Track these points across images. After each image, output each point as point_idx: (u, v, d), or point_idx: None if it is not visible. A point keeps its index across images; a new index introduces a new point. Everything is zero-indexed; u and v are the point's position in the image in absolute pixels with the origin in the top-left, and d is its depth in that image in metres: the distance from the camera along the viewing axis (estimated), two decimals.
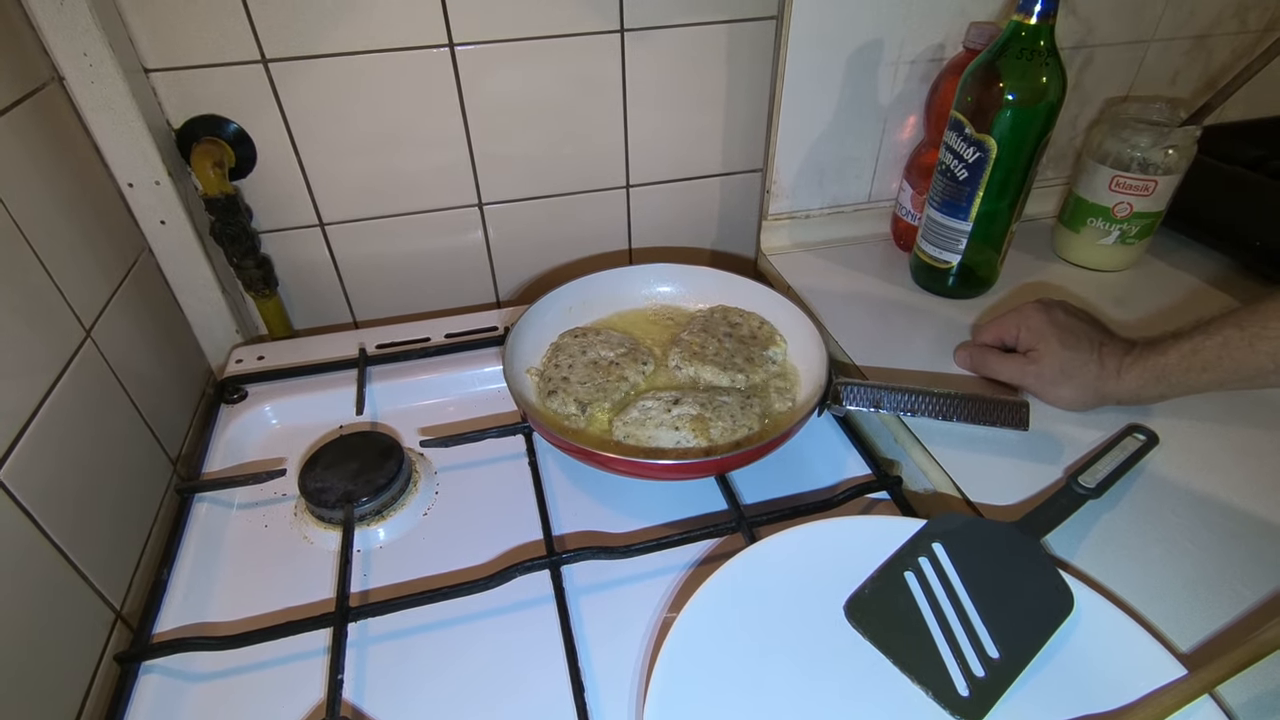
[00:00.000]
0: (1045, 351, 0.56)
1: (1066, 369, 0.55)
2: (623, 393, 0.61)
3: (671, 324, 0.70)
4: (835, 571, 0.45)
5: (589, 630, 0.48)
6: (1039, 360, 0.56)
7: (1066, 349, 0.55)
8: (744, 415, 0.57)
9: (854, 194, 0.83)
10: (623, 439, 0.56)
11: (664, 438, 0.55)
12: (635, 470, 0.54)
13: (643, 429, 0.56)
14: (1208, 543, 0.48)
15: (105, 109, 0.60)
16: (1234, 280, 0.74)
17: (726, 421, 0.56)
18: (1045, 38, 0.58)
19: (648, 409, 0.57)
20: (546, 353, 0.65)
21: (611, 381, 0.61)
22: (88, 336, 0.54)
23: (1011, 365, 0.59)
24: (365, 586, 0.52)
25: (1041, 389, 0.57)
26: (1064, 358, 0.55)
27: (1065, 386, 0.56)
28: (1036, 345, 0.57)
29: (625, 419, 0.57)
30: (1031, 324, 0.58)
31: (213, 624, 0.49)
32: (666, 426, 0.56)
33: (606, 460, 0.52)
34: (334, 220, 0.76)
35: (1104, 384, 0.54)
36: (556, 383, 0.61)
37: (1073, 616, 0.41)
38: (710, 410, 0.57)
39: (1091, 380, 0.55)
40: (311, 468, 0.57)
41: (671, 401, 0.58)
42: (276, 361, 0.70)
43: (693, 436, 0.55)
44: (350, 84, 0.68)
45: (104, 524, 0.52)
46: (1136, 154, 0.70)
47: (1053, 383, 0.56)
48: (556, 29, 0.69)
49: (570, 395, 0.59)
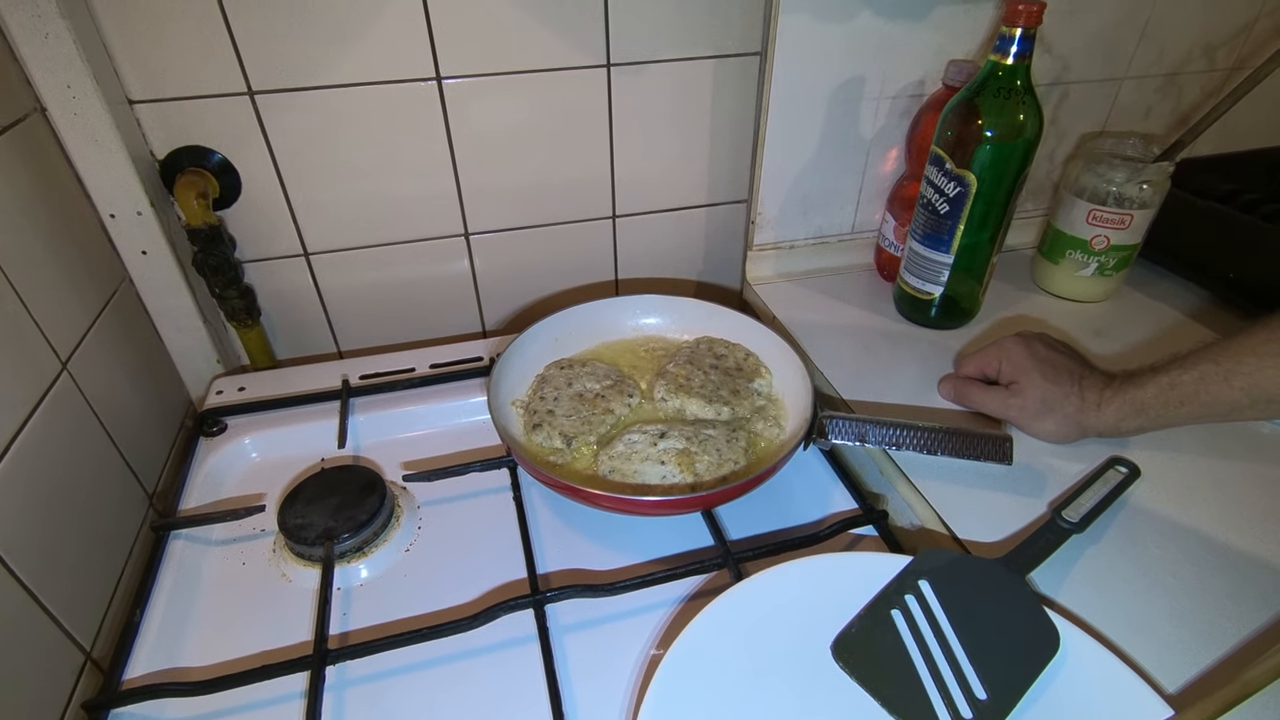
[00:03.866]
0: (1027, 385, 0.57)
1: (1048, 402, 0.56)
2: (608, 425, 0.60)
3: (658, 355, 0.70)
4: (822, 609, 0.45)
5: (574, 669, 0.48)
6: (1021, 393, 0.57)
7: (1048, 382, 0.56)
8: (729, 449, 0.57)
9: (838, 225, 0.84)
10: (608, 473, 0.55)
11: (650, 472, 0.55)
12: (620, 506, 0.53)
13: (628, 463, 0.56)
14: (1190, 576, 0.48)
15: (88, 140, 0.59)
16: (1210, 311, 0.76)
17: (712, 456, 0.56)
18: (1021, 77, 0.60)
19: (634, 443, 0.57)
20: (532, 384, 0.65)
21: (597, 414, 0.60)
22: (64, 369, 0.54)
23: (994, 398, 0.59)
24: (345, 626, 0.51)
25: (1024, 422, 0.58)
26: (1045, 390, 0.56)
27: (1047, 419, 0.56)
28: (1018, 378, 0.57)
29: (611, 453, 0.57)
30: (1013, 357, 0.58)
31: (185, 669, 0.48)
32: (652, 461, 0.55)
33: (592, 497, 0.52)
34: (319, 250, 0.75)
35: (1085, 417, 0.55)
36: (542, 416, 0.60)
37: (1059, 656, 0.41)
38: (696, 444, 0.57)
39: (1072, 413, 0.55)
40: (291, 503, 0.56)
41: (658, 435, 0.58)
42: (258, 393, 0.69)
43: (678, 471, 0.55)
44: (337, 116, 0.68)
45: (75, 562, 0.50)
46: (1112, 188, 0.72)
47: (1035, 416, 0.57)
48: (543, 63, 0.70)
49: (555, 429, 0.59)
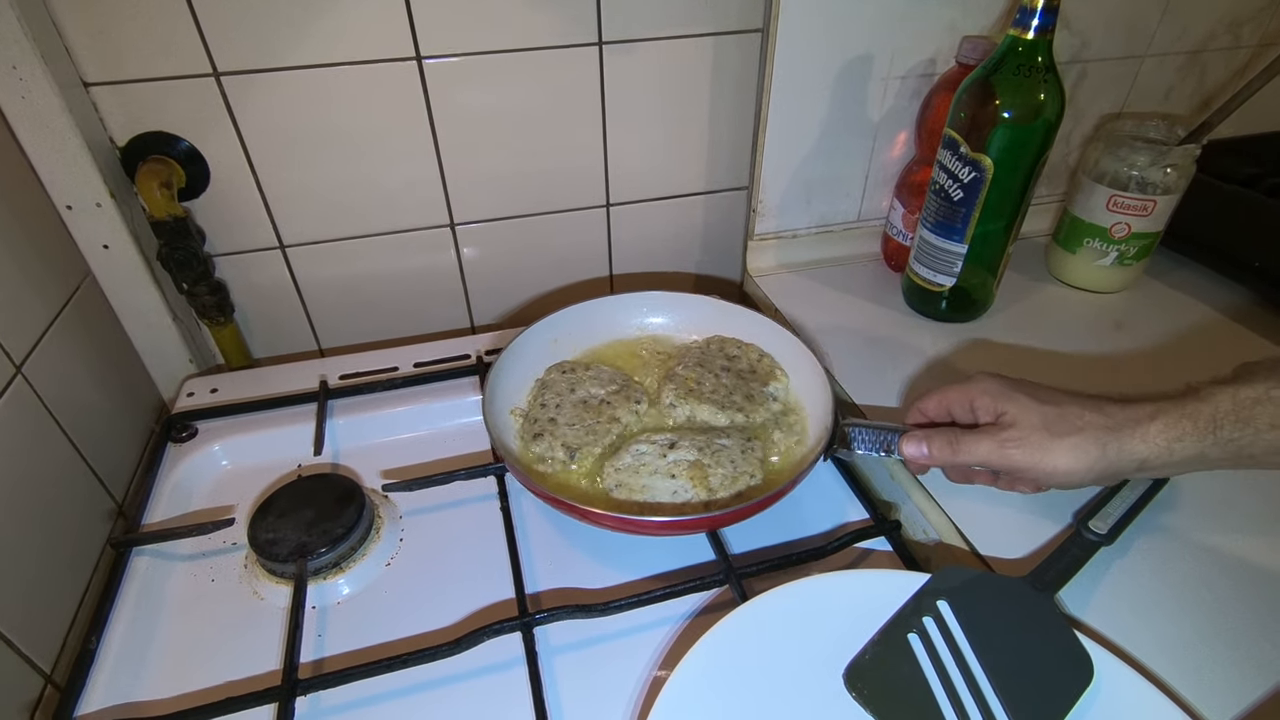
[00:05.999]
0: (1018, 412, 0.43)
1: (1052, 426, 0.42)
2: (614, 435, 0.56)
3: (662, 357, 0.65)
4: (833, 632, 0.41)
5: (565, 694, 0.44)
6: (1015, 423, 0.43)
7: (1045, 404, 0.43)
8: (745, 461, 0.52)
9: (843, 213, 0.80)
10: (614, 488, 0.51)
11: (659, 486, 0.50)
12: (628, 528, 0.49)
13: (635, 477, 0.51)
14: (1225, 591, 0.45)
15: (39, 126, 0.55)
16: (1235, 303, 0.72)
17: (726, 468, 0.51)
18: (1043, 53, 0.56)
19: (642, 454, 0.53)
20: (532, 390, 0.61)
21: (602, 423, 0.56)
22: (18, 373, 0.50)
23: (984, 440, 0.44)
24: (320, 649, 0.48)
25: (1030, 460, 0.42)
26: (1045, 413, 0.43)
27: (1059, 448, 0.41)
28: (1004, 408, 0.44)
29: (617, 465, 0.52)
30: (987, 387, 0.46)
31: (144, 702, 0.44)
32: (662, 474, 0.51)
33: (596, 517, 0.47)
34: (295, 242, 0.71)
35: (1118, 439, 0.41)
36: (543, 424, 0.56)
37: (1093, 686, 0.38)
38: (709, 456, 0.52)
39: (1096, 433, 0.41)
40: (263, 516, 0.52)
41: (667, 446, 0.53)
42: (231, 395, 0.65)
43: (690, 486, 0.50)
44: (310, 99, 0.64)
45: (34, 579, 0.47)
46: (1134, 173, 0.68)
47: (1042, 448, 0.42)
48: (530, 42, 0.66)
49: (558, 439, 0.54)
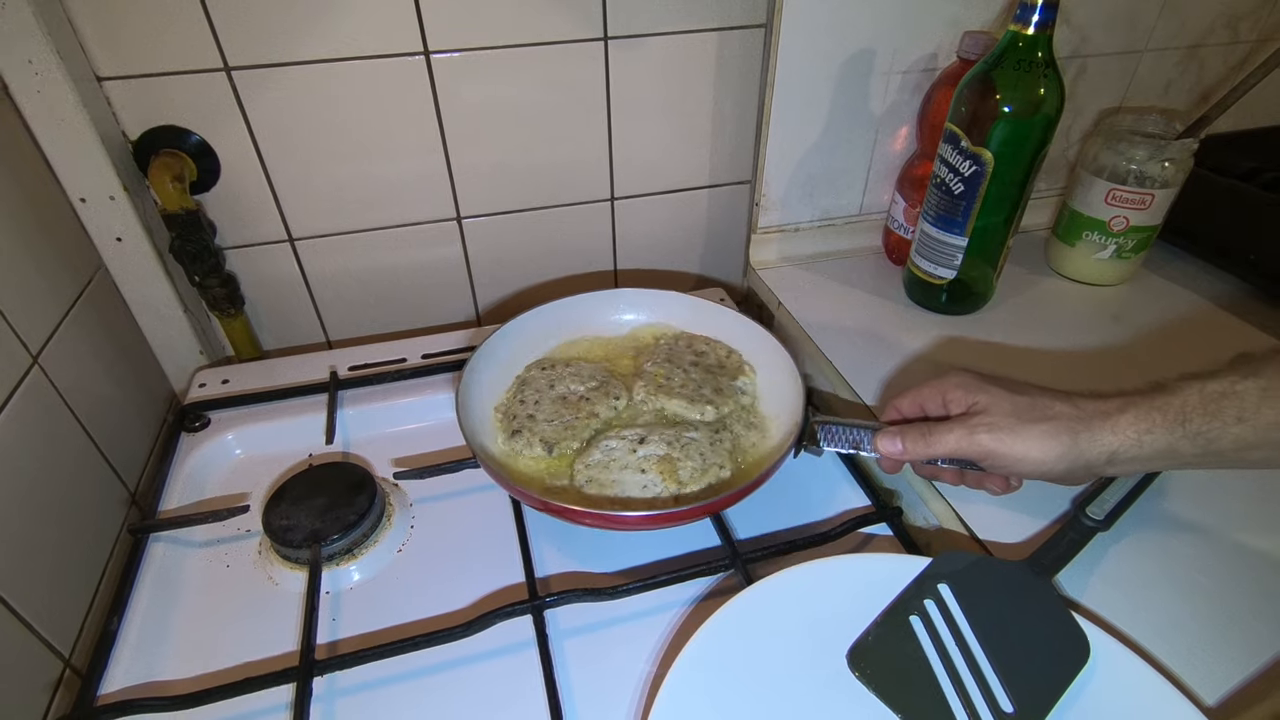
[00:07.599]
0: (990, 402, 0.44)
1: (1023, 414, 0.43)
2: (593, 430, 0.57)
3: (635, 353, 0.66)
4: (837, 615, 0.43)
5: (575, 676, 0.46)
6: (985, 410, 0.44)
7: (1017, 394, 0.44)
8: (714, 453, 0.53)
9: (845, 206, 0.80)
10: (584, 484, 0.52)
11: (629, 481, 0.51)
12: (600, 523, 0.49)
13: (606, 472, 0.52)
14: (1219, 574, 0.46)
15: (54, 120, 0.56)
16: (1232, 296, 0.73)
17: (695, 461, 0.52)
18: (1043, 48, 0.56)
19: (611, 450, 0.53)
20: (511, 388, 0.61)
21: (581, 419, 0.57)
22: (35, 363, 0.51)
23: (955, 428, 0.45)
24: (335, 632, 0.49)
25: (1000, 446, 0.43)
26: (1016, 401, 0.44)
27: (1029, 434, 0.42)
28: (976, 398, 0.45)
29: (587, 461, 0.53)
30: (960, 380, 0.47)
31: (165, 682, 0.45)
32: (632, 469, 0.52)
33: (569, 513, 0.47)
34: (304, 235, 0.72)
35: (1088, 431, 0.42)
36: (521, 421, 0.57)
37: (1089, 665, 0.39)
38: (678, 449, 0.53)
39: (1066, 425, 0.42)
40: (277, 503, 0.53)
41: (636, 441, 0.54)
42: (242, 386, 0.66)
43: (660, 480, 0.51)
44: (320, 93, 0.64)
45: (52, 565, 0.48)
46: (1133, 167, 0.68)
47: (1012, 433, 0.42)
48: (537, 37, 0.66)
49: (536, 435, 0.55)
